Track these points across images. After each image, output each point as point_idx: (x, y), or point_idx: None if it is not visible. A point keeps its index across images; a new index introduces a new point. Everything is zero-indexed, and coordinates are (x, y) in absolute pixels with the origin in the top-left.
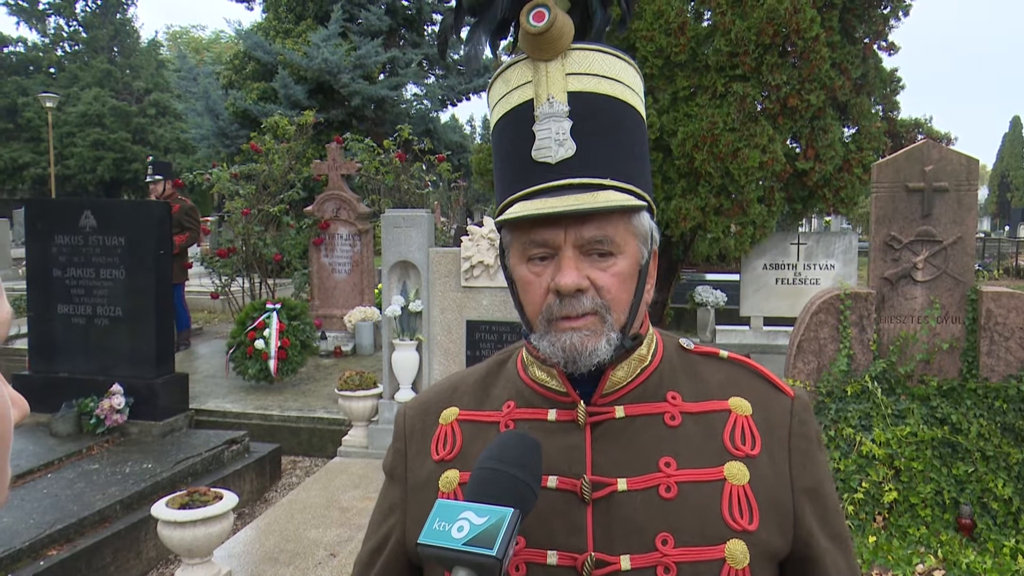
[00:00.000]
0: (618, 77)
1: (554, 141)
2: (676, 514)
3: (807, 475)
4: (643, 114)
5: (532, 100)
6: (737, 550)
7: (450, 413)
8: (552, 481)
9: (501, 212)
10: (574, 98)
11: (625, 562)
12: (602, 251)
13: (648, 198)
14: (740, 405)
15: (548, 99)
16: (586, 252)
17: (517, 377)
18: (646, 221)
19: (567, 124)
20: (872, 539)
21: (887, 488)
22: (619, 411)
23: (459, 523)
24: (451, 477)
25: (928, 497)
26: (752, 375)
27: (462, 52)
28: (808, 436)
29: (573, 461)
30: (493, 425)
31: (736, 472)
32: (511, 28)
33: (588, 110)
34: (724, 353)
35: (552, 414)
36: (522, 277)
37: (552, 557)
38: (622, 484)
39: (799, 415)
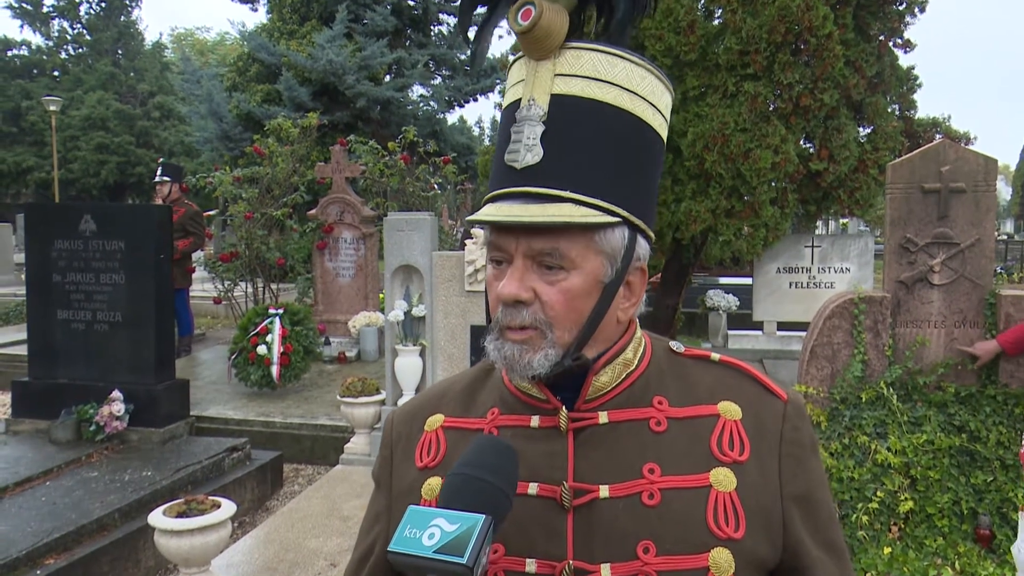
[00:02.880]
0: (615, 80)
1: (524, 146)
2: (659, 521)
3: (798, 482)
4: (650, 121)
5: (520, 100)
6: (722, 559)
7: (435, 420)
8: (533, 488)
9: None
10: (556, 101)
11: (605, 570)
12: (551, 264)
13: (625, 213)
14: (729, 409)
15: (529, 101)
16: (538, 263)
17: (502, 384)
18: (617, 237)
19: (539, 129)
20: (887, 550)
21: (903, 498)
22: (602, 417)
23: (430, 530)
24: (434, 484)
25: (945, 507)
26: (743, 378)
27: (468, 53)
28: (800, 442)
29: (555, 468)
30: (477, 432)
31: (722, 479)
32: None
33: (567, 115)
34: (715, 356)
35: (535, 420)
36: (487, 278)
37: (531, 565)
38: (604, 491)
39: (792, 420)
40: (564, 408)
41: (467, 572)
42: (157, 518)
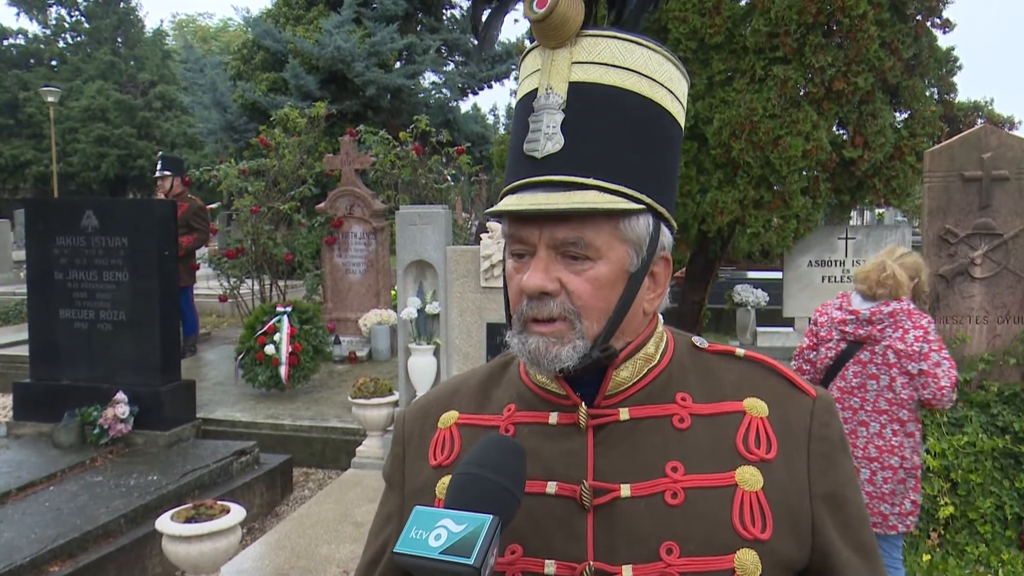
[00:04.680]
0: (634, 67)
1: (543, 135)
2: (683, 522)
3: (827, 480)
4: (669, 108)
5: (536, 90)
6: (748, 560)
7: (449, 417)
8: (551, 487)
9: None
10: (574, 89)
11: (627, 572)
12: (576, 254)
13: (650, 200)
14: (755, 406)
15: (547, 89)
16: (562, 254)
17: (519, 379)
18: (642, 225)
19: (559, 117)
20: (926, 557)
21: (943, 502)
22: (623, 413)
23: (437, 531)
24: (448, 483)
25: (988, 512)
26: (770, 374)
27: (476, 40)
28: (830, 439)
29: (574, 466)
30: (493, 429)
31: (749, 477)
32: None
33: (586, 103)
34: (740, 351)
35: (553, 417)
36: (507, 271)
37: (550, 567)
38: (625, 490)
39: (820, 416)
40: (584, 404)
41: (474, 573)
42: (165, 524)
